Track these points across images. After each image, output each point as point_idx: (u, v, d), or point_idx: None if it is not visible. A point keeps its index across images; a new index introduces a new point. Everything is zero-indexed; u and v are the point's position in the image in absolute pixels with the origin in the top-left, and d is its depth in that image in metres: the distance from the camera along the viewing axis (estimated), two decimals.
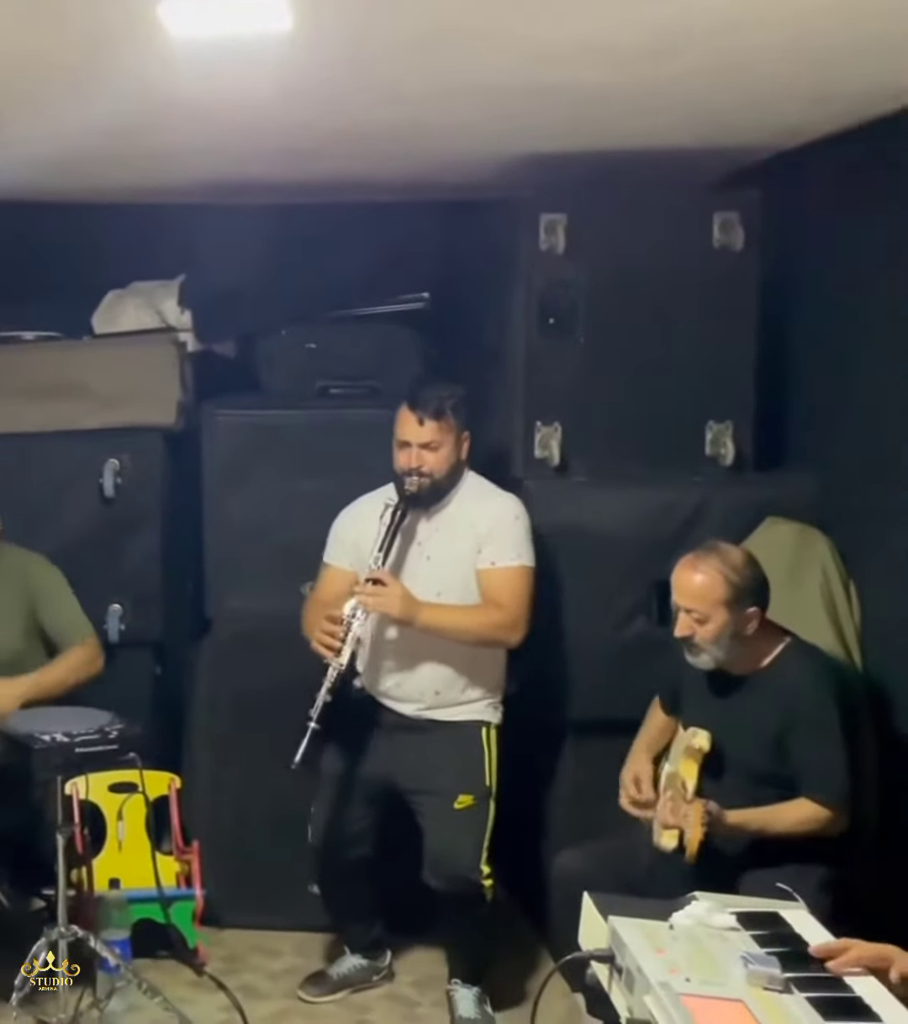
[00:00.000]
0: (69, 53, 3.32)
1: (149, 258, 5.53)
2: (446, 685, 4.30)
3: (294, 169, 4.86)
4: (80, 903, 4.52)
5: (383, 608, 4.16)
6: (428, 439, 4.22)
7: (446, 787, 4.28)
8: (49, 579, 4.84)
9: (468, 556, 4.26)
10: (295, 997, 4.55)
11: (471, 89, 3.75)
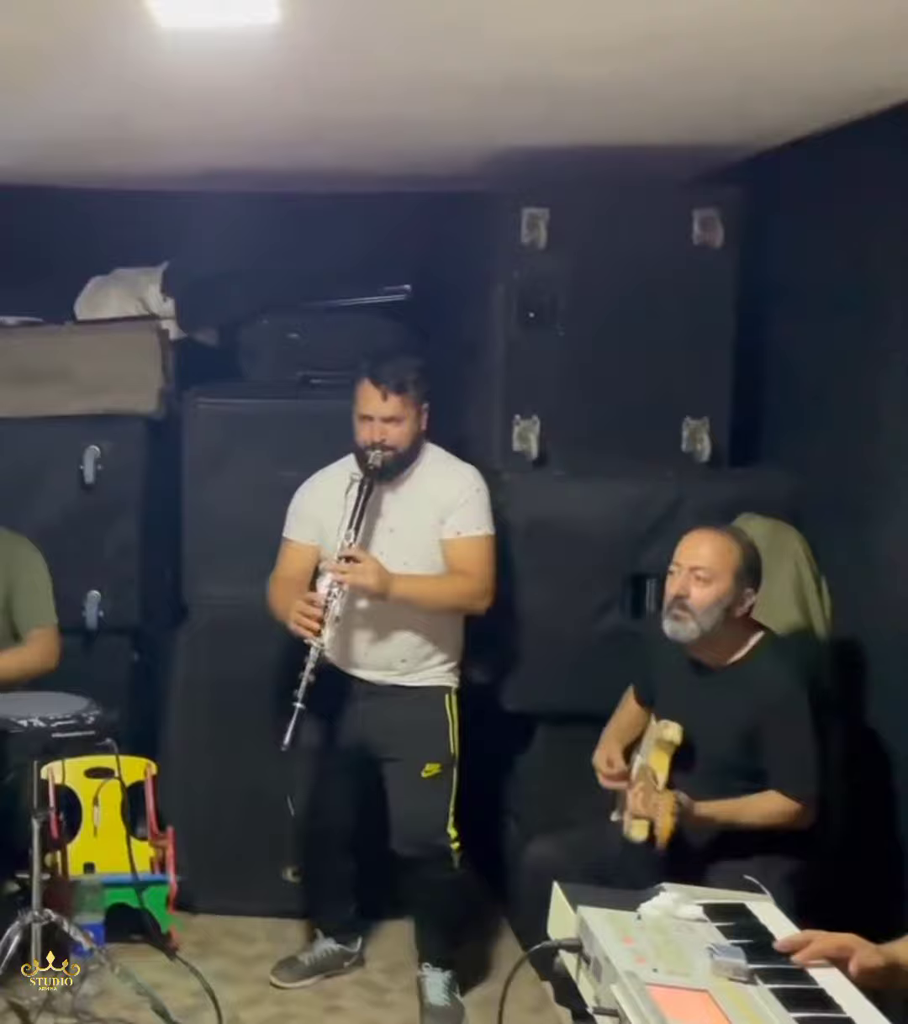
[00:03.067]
0: (57, 40, 3.33)
1: (133, 245, 5.51)
2: (412, 653, 4.35)
3: (278, 158, 4.86)
4: (54, 887, 4.52)
5: (360, 584, 4.19)
6: (391, 413, 4.25)
7: (413, 756, 4.34)
8: (29, 560, 4.78)
9: (431, 526, 4.31)
10: (267, 983, 4.57)
11: (451, 83, 3.77)
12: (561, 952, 3.12)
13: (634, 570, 4.47)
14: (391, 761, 4.39)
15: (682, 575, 3.82)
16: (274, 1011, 4.44)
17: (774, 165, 4.67)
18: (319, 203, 5.38)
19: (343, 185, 5.31)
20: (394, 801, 4.39)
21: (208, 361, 5.44)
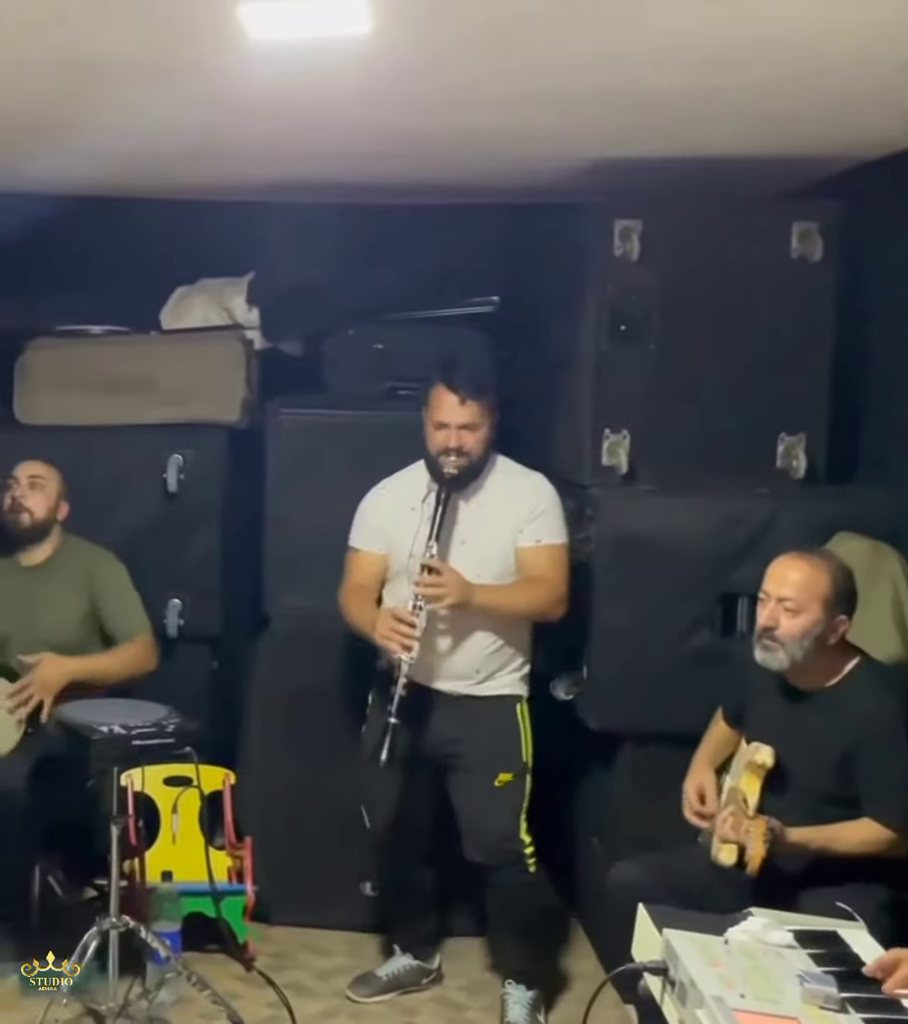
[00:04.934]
0: (147, 53, 3.32)
1: (219, 255, 5.53)
2: (485, 662, 4.31)
3: (367, 170, 4.85)
4: (132, 894, 4.52)
5: (443, 597, 4.15)
6: (468, 419, 4.22)
7: (486, 766, 4.29)
8: (113, 575, 4.87)
9: (507, 536, 4.28)
10: (343, 997, 4.54)
11: (542, 93, 3.72)
12: (645, 975, 3.09)
13: (725, 588, 4.37)
14: (464, 771, 4.34)
15: (770, 605, 3.73)
16: None
17: (874, 177, 4.57)
18: (408, 214, 5.36)
19: (432, 196, 5.28)
20: (467, 810, 4.35)
21: (292, 371, 5.44)
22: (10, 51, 3.31)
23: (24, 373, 5.38)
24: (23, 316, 5.53)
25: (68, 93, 3.78)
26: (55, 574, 4.82)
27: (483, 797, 4.29)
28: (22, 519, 4.80)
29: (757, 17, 3.01)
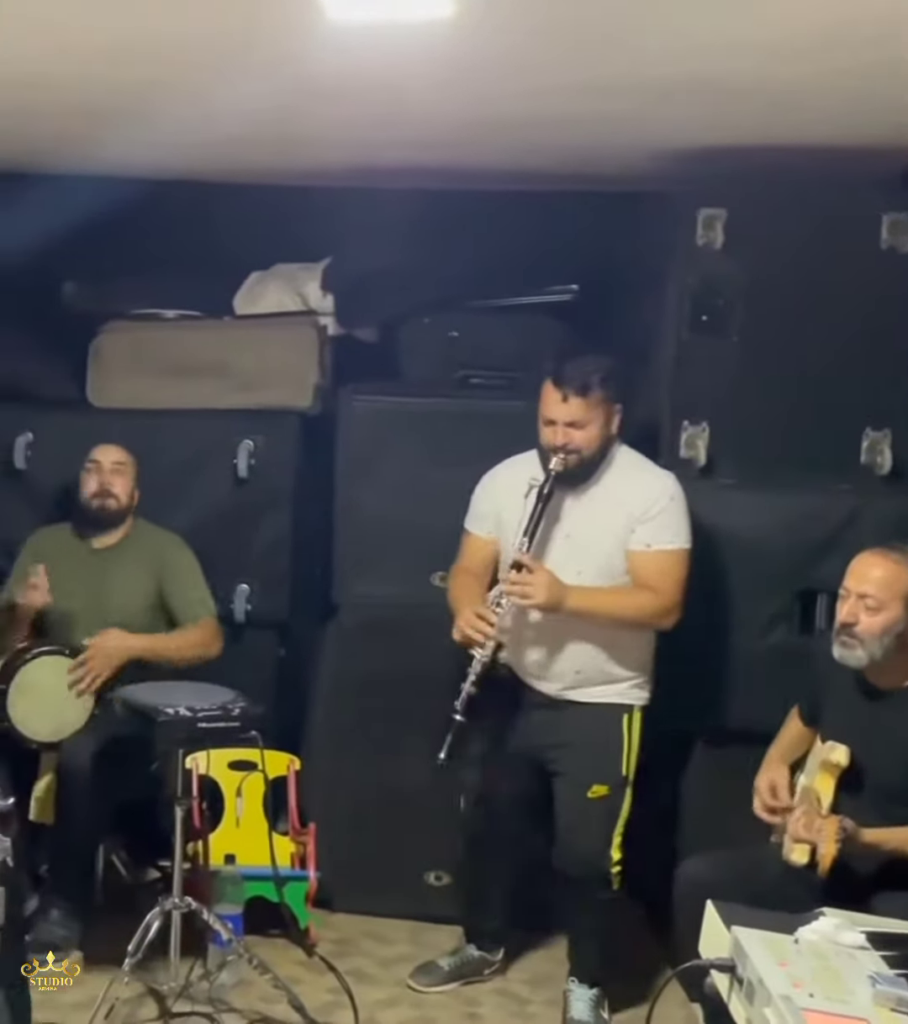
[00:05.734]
0: (225, 34, 3.32)
1: (294, 240, 5.50)
2: (587, 664, 4.18)
3: (444, 155, 4.81)
4: (195, 876, 4.52)
5: (529, 597, 4.04)
6: (574, 417, 4.07)
7: (581, 775, 4.18)
8: (181, 559, 4.89)
9: (616, 535, 4.12)
10: (405, 985, 4.50)
11: (627, 81, 3.68)
12: (713, 972, 3.04)
13: (804, 585, 4.31)
14: (558, 775, 4.25)
15: (851, 601, 3.67)
16: (412, 1014, 4.38)
17: None
18: (486, 200, 5.28)
19: (510, 183, 5.23)
20: (559, 816, 4.26)
21: (366, 358, 5.40)
22: (90, 37, 3.32)
23: (97, 356, 5.41)
24: (98, 299, 5.54)
25: (147, 78, 3.79)
26: (125, 557, 4.85)
27: (575, 808, 4.20)
28: (109, 504, 4.83)
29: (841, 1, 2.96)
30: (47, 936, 4.40)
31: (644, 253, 4.76)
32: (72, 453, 4.97)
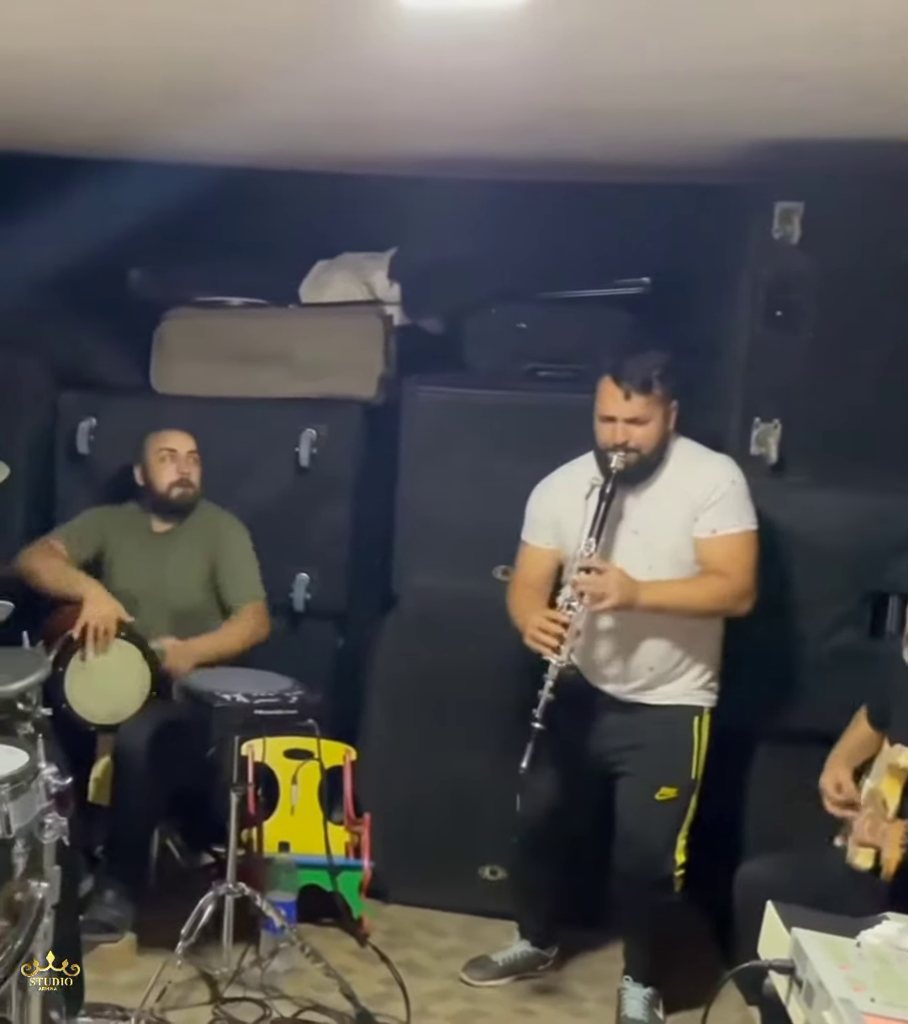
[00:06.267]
0: (300, 19, 3.28)
1: (361, 229, 5.50)
2: (661, 661, 4.13)
3: (513, 145, 4.75)
4: (249, 863, 4.52)
5: (603, 598, 3.97)
6: (635, 414, 4.03)
7: (650, 777, 4.14)
8: (234, 539, 4.90)
9: (681, 525, 4.07)
10: (457, 979, 4.47)
11: (707, 70, 3.61)
12: (771, 974, 2.98)
13: (875, 587, 4.24)
14: (625, 776, 4.20)
15: None
16: (464, 1007, 4.34)
17: None
18: (556, 191, 5.24)
19: (581, 174, 5.17)
20: (623, 816, 4.21)
21: (431, 349, 5.37)
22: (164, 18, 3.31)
23: (161, 343, 5.42)
24: (163, 287, 5.55)
25: (221, 62, 3.75)
26: (183, 538, 4.87)
27: (642, 808, 4.15)
28: (188, 492, 4.84)
29: None
30: (101, 917, 4.42)
31: (718, 246, 4.68)
32: (134, 439, 4.97)
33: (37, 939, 3.24)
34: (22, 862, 3.25)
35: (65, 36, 3.49)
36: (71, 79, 4.06)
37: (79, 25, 3.39)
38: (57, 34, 3.47)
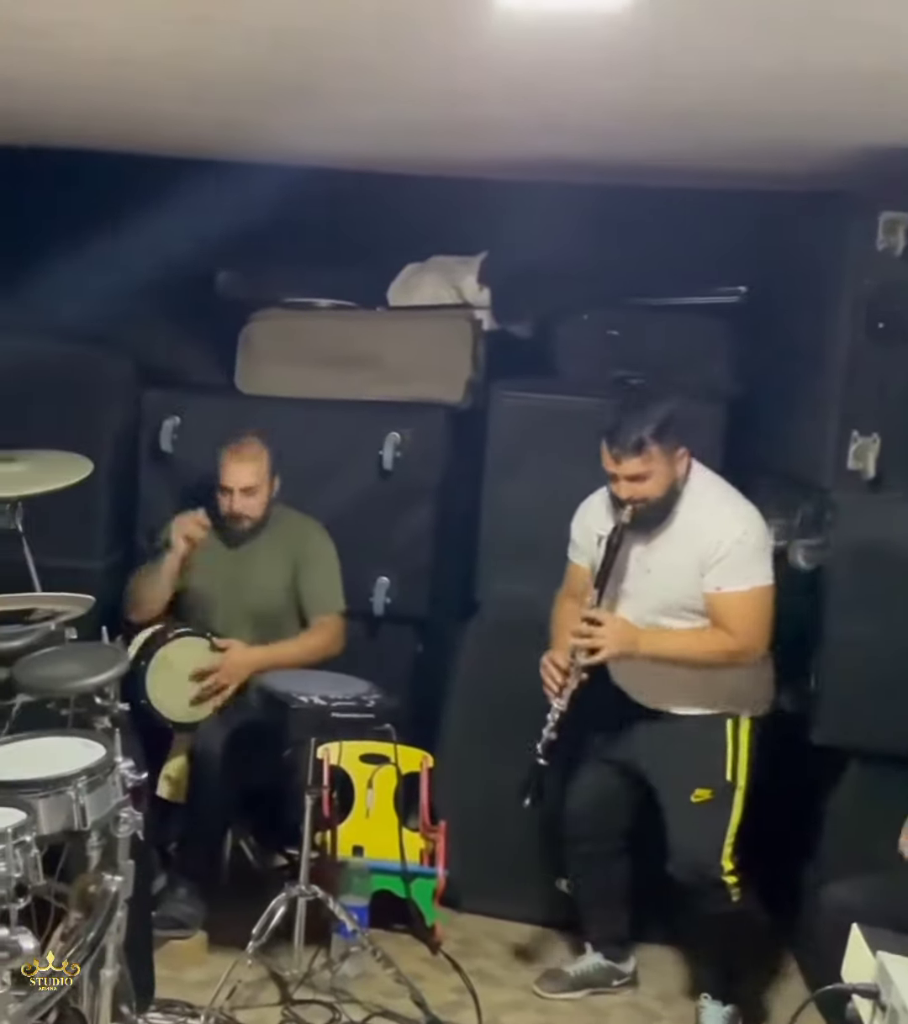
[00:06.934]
0: (400, 18, 3.24)
1: (452, 233, 5.45)
2: (689, 681, 4.11)
3: (609, 149, 4.67)
4: (322, 865, 4.50)
5: (599, 649, 4.01)
6: (632, 472, 4.01)
7: (682, 779, 4.11)
8: (318, 547, 4.85)
9: (691, 576, 4.05)
10: (530, 990, 4.41)
11: (813, 73, 3.50)
12: (855, 998, 2.91)
13: None
14: (662, 784, 4.18)
15: None
16: (536, 1019, 4.30)
17: None
18: (650, 196, 5.15)
19: (676, 178, 5.07)
20: (667, 823, 4.18)
21: (520, 354, 5.32)
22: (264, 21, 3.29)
23: (247, 344, 5.40)
24: (251, 288, 5.55)
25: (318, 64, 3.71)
26: (264, 544, 4.83)
27: (679, 812, 4.12)
28: (243, 524, 4.78)
29: None
30: (173, 913, 4.42)
31: (818, 256, 4.56)
32: (218, 438, 4.94)
33: (109, 932, 3.26)
34: (97, 855, 3.28)
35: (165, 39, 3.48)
36: (170, 82, 4.05)
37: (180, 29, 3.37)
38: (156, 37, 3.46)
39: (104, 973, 3.29)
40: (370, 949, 4.16)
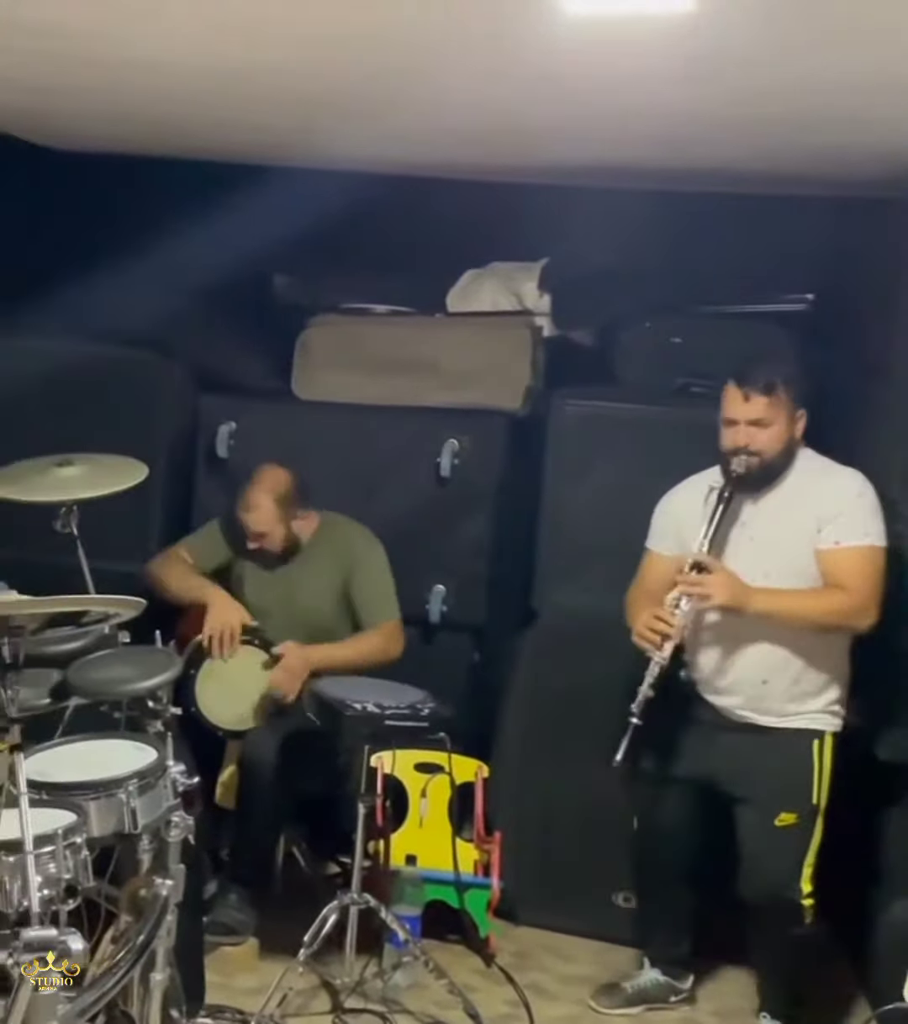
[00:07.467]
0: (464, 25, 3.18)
1: (511, 239, 5.42)
2: (776, 673, 3.98)
3: (670, 156, 4.60)
4: (375, 874, 4.46)
5: (709, 596, 3.89)
6: (757, 416, 3.93)
7: (767, 802, 3.99)
8: (369, 553, 4.78)
9: (803, 536, 3.94)
10: (585, 1005, 4.32)
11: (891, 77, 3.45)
12: None
13: None
14: (742, 802, 4.06)
15: None
16: None
17: None
18: (714, 202, 5.08)
19: (741, 185, 5.01)
20: (744, 845, 4.06)
21: (581, 362, 5.26)
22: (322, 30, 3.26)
23: (304, 349, 5.38)
24: (309, 293, 5.53)
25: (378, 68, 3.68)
26: (315, 554, 4.76)
27: (761, 834, 4.01)
28: (268, 550, 4.71)
29: None
30: (224, 919, 4.38)
31: (889, 263, 4.50)
32: (274, 444, 4.93)
33: (159, 936, 3.24)
34: (148, 858, 3.28)
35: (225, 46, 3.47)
36: (229, 88, 4.04)
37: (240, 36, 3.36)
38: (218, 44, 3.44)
39: (154, 977, 3.28)
40: (422, 959, 4.11)
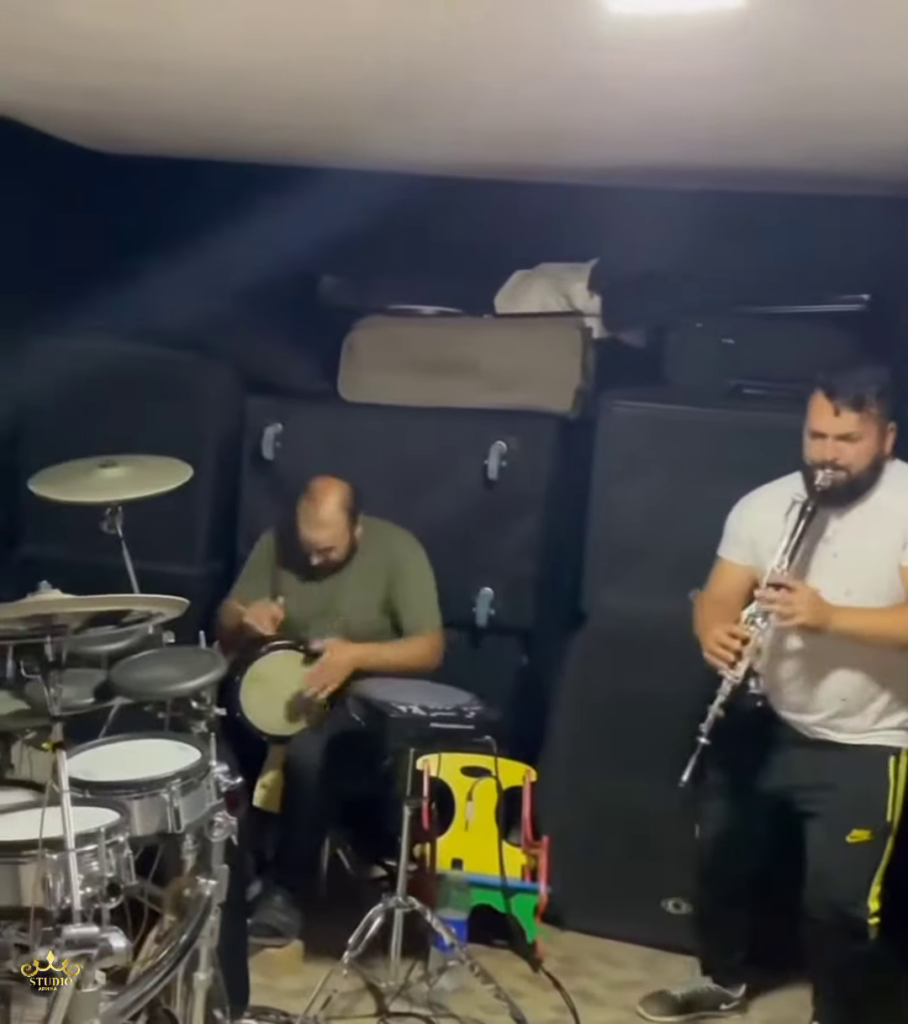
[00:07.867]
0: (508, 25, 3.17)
1: (561, 239, 5.37)
2: (855, 692, 3.88)
3: (720, 156, 4.57)
4: (420, 878, 4.43)
5: (791, 616, 3.77)
6: (846, 430, 3.79)
7: (840, 818, 3.89)
8: (413, 563, 4.76)
9: (889, 551, 3.82)
10: (634, 1012, 4.27)
11: None
12: None
13: None
14: (814, 817, 3.96)
15: None
16: None
17: None
18: (766, 202, 5.05)
19: (793, 185, 4.96)
20: (812, 859, 3.97)
21: (632, 363, 5.20)
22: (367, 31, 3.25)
23: (351, 350, 5.34)
24: (356, 294, 5.50)
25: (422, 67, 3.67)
26: (358, 562, 4.73)
27: (832, 850, 3.91)
28: (330, 561, 4.69)
29: None
30: (269, 921, 4.36)
31: None
32: (320, 446, 4.93)
33: (203, 936, 3.23)
34: (191, 858, 3.26)
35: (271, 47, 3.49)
36: (276, 90, 4.05)
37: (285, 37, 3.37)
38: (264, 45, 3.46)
39: (197, 976, 3.26)
40: (468, 963, 4.07)
